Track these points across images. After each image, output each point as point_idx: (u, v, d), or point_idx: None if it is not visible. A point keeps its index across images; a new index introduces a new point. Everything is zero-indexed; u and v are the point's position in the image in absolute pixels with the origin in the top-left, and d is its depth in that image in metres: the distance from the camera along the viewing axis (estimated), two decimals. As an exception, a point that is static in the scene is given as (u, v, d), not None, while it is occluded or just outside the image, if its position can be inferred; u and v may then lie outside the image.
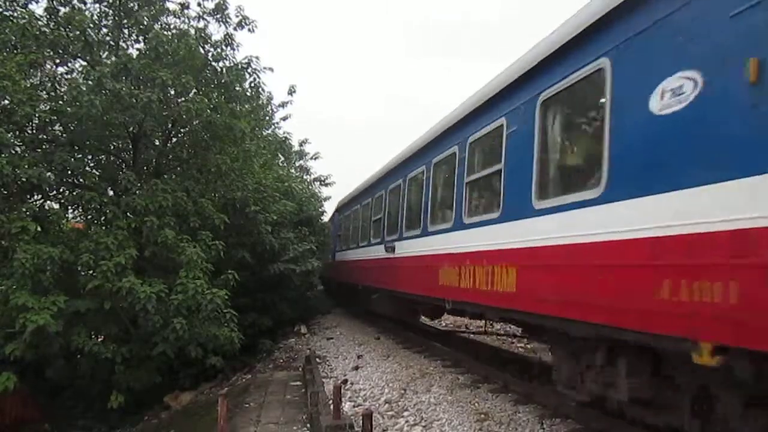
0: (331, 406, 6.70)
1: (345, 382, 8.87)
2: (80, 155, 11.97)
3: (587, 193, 4.88)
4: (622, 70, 4.56)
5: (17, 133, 10.94)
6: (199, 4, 12.81)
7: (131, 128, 11.89)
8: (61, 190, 12.04)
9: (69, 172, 11.63)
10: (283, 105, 22.77)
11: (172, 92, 11.50)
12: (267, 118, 22.07)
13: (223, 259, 12.21)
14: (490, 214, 6.89)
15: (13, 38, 10.60)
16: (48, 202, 11.85)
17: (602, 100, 4.82)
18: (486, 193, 7.50)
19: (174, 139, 13.46)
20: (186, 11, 13.11)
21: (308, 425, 7.22)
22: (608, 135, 4.63)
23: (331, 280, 21.80)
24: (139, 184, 11.40)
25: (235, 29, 12.70)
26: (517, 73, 6.34)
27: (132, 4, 12.21)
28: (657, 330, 3.96)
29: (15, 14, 11.18)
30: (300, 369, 11.10)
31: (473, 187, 7.69)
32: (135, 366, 11.19)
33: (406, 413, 6.95)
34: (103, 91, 10.35)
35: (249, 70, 12.74)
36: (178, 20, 13.21)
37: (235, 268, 12.17)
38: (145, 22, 12.21)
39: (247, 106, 14.26)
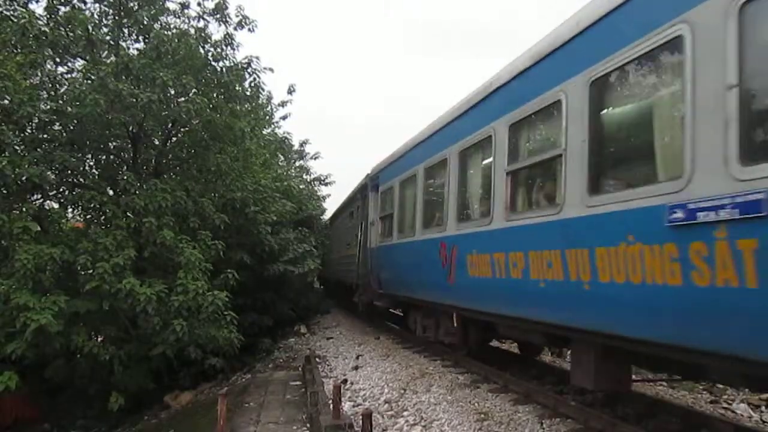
0: (331, 406, 6.70)
1: (345, 381, 8.87)
2: (80, 155, 11.96)
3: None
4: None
5: (17, 132, 10.94)
6: (199, 4, 12.76)
7: (131, 128, 11.88)
8: (61, 189, 12.05)
9: (69, 172, 11.64)
10: (282, 104, 22.79)
11: (172, 92, 11.50)
12: (267, 117, 22.06)
13: (223, 259, 12.22)
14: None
15: (13, 38, 10.59)
16: (48, 201, 11.86)
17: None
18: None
19: (174, 139, 13.46)
20: (186, 11, 13.12)
21: (308, 425, 7.23)
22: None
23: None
24: (138, 184, 11.40)
25: (235, 29, 12.68)
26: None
27: (132, 4, 12.19)
28: None
29: (15, 14, 11.18)
30: (300, 369, 11.11)
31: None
32: (134, 366, 11.20)
33: (405, 413, 6.96)
34: (105, 90, 10.35)
35: (249, 70, 12.73)
36: (178, 20, 13.22)
37: (234, 268, 12.17)
38: (145, 22, 12.21)
39: (247, 106, 14.26)
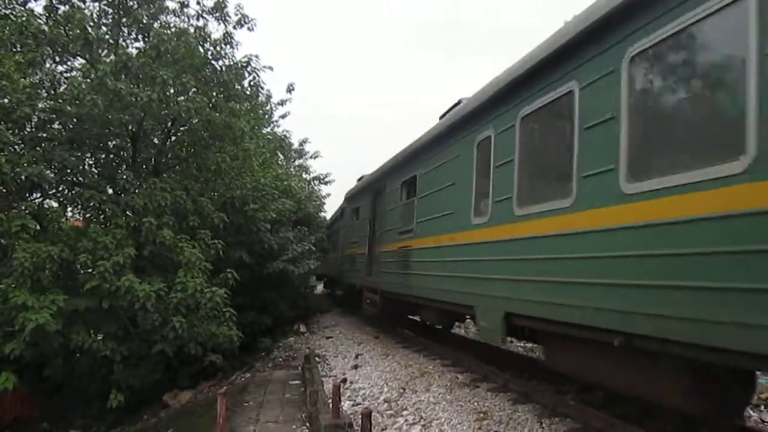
0: (330, 405, 6.71)
1: (344, 381, 8.88)
2: (79, 153, 11.95)
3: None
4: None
5: (16, 131, 10.93)
6: (198, 3, 12.76)
7: (130, 127, 11.88)
8: (60, 188, 12.03)
9: (68, 171, 11.62)
10: (282, 103, 22.77)
11: (172, 91, 11.49)
12: (266, 116, 22.04)
13: (223, 258, 12.22)
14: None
15: (12, 37, 10.56)
16: (47, 200, 11.85)
17: None
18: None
19: (173, 138, 13.45)
20: (185, 9, 13.11)
21: (307, 424, 7.23)
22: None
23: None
24: (138, 183, 11.39)
25: (234, 28, 12.70)
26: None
27: (131, 3, 12.17)
28: None
29: (14, 12, 11.15)
30: (299, 368, 11.11)
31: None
32: (134, 365, 11.19)
33: (405, 412, 6.96)
34: (104, 90, 10.33)
35: (248, 68, 12.73)
36: (177, 19, 13.21)
37: (234, 267, 12.17)
38: (145, 21, 12.19)
39: (246, 105, 14.26)
